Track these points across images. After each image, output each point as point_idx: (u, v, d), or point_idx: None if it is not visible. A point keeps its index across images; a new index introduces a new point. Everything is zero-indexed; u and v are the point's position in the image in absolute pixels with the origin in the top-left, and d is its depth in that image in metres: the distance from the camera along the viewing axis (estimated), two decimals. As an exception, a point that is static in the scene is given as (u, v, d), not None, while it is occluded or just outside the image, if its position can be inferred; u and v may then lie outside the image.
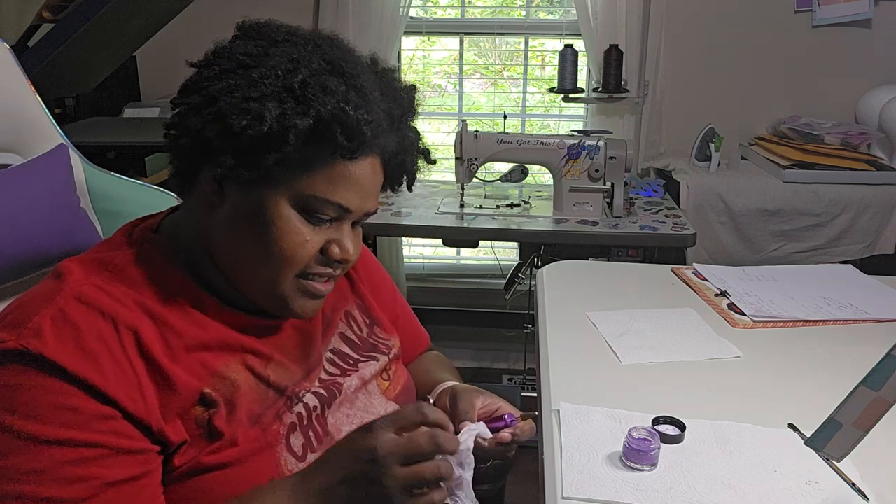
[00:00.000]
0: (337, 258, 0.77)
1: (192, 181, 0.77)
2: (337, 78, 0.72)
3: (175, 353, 0.72)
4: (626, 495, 0.76)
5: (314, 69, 0.71)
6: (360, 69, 0.75)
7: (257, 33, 0.76)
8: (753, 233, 2.23)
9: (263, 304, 0.79)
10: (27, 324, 0.65)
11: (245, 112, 0.68)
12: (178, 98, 0.75)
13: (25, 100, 1.08)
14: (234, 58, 0.72)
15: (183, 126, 0.73)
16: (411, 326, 1.09)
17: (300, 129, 0.69)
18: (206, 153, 0.72)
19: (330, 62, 0.73)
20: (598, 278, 1.42)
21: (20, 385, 0.63)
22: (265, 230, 0.73)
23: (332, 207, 0.74)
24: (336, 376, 0.86)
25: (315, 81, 0.70)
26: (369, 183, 0.77)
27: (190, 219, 0.79)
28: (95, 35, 1.73)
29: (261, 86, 0.69)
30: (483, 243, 2.44)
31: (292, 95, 0.69)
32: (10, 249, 0.94)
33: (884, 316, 1.21)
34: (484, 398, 0.88)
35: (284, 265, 0.74)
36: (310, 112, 0.69)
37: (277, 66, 0.70)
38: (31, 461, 0.62)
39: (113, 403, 0.66)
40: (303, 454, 0.77)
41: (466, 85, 2.83)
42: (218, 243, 0.76)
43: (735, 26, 2.53)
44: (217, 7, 2.59)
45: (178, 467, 0.71)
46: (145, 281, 0.74)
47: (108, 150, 1.85)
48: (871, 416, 0.66)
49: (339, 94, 0.70)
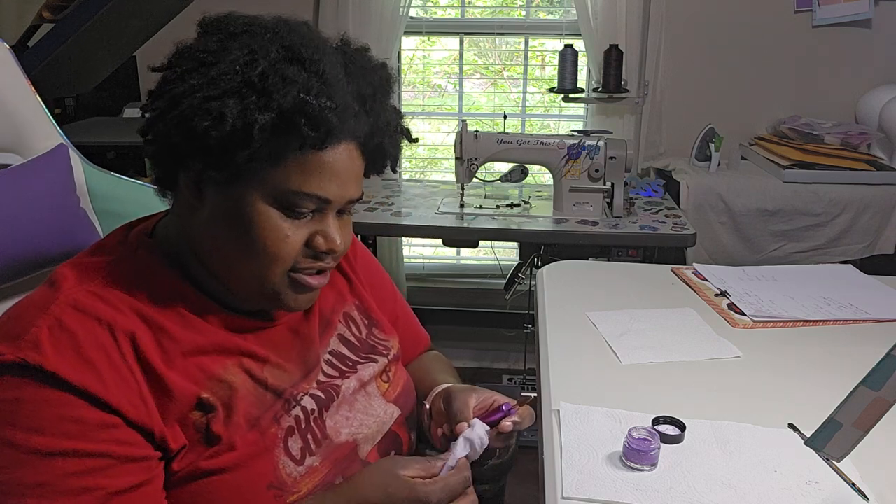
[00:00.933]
0: (323, 249, 0.75)
1: (172, 186, 0.76)
2: (296, 66, 0.69)
3: (171, 359, 0.71)
4: (626, 495, 0.76)
5: (272, 59, 0.68)
6: (322, 52, 0.72)
7: (216, 28, 0.74)
8: (753, 233, 2.23)
9: (256, 301, 0.78)
10: (24, 336, 0.64)
11: (206, 112, 0.67)
12: (146, 104, 0.73)
13: (25, 100, 1.08)
14: (195, 56, 0.70)
15: (153, 131, 0.72)
16: (411, 326, 1.09)
17: (264, 125, 0.67)
18: (176, 158, 0.71)
19: (289, 48, 0.70)
20: (598, 278, 1.42)
21: (20, 399, 0.63)
22: (246, 229, 0.72)
23: (310, 199, 0.72)
24: (334, 378, 0.86)
25: (274, 72, 0.68)
26: (346, 170, 0.74)
27: (177, 223, 0.78)
28: (95, 35, 1.73)
29: (220, 83, 0.67)
30: (483, 243, 2.44)
31: (253, 89, 0.67)
32: (10, 249, 0.94)
33: (884, 316, 1.21)
34: (478, 395, 0.87)
35: (270, 262, 0.73)
36: (271, 105, 0.67)
37: (236, 60, 0.68)
38: (35, 475, 0.62)
39: (115, 412, 0.65)
40: (301, 458, 0.77)
41: (466, 85, 2.83)
42: (203, 245, 0.76)
43: (735, 26, 2.53)
44: (217, 7, 2.59)
45: (177, 472, 0.70)
46: (140, 286, 0.73)
47: (108, 150, 1.86)
48: (871, 416, 0.66)
49: (299, 82, 0.68)
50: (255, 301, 0.79)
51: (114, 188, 1.17)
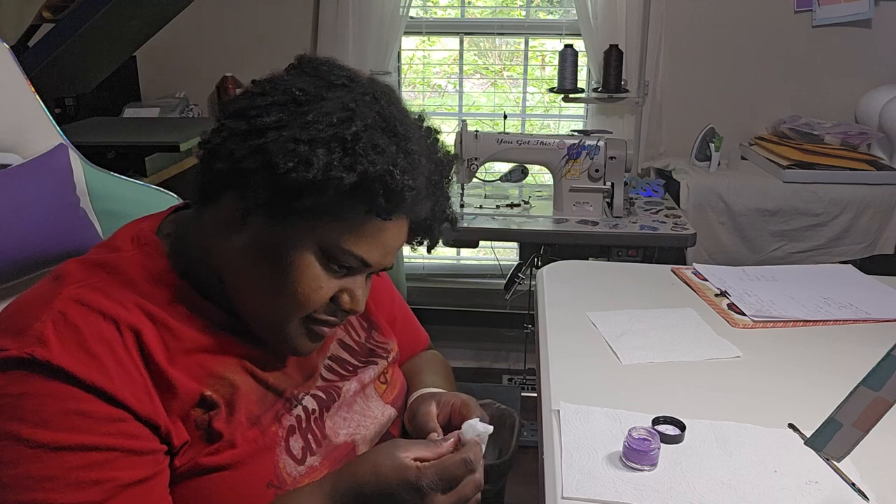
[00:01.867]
0: (346, 307, 0.77)
1: (214, 199, 0.75)
2: (389, 137, 0.71)
3: (174, 356, 0.71)
4: (626, 495, 0.76)
5: (368, 123, 0.70)
6: (412, 131, 0.75)
7: (315, 71, 0.75)
8: (753, 233, 2.23)
9: (263, 337, 0.78)
10: (29, 331, 0.64)
11: (293, 154, 0.67)
12: (222, 118, 0.73)
13: (25, 100, 1.08)
14: (289, 91, 0.71)
15: (223, 148, 0.71)
16: (410, 327, 1.09)
17: (343, 183, 0.68)
18: (239, 180, 0.71)
19: (385, 119, 0.71)
20: (598, 278, 1.42)
21: (26, 393, 0.63)
22: (283, 269, 0.72)
23: (355, 260, 0.74)
24: (335, 381, 0.86)
25: (367, 137, 0.69)
26: (394, 243, 0.76)
27: (202, 231, 0.77)
28: (95, 35, 1.73)
29: (312, 129, 0.68)
30: (483, 243, 2.44)
31: (342, 146, 0.68)
32: (10, 249, 0.94)
33: (884, 316, 1.21)
34: (437, 401, 0.87)
35: (295, 307, 0.74)
36: (356, 168, 0.68)
37: (332, 112, 0.69)
38: (43, 469, 0.62)
39: (122, 405, 0.65)
40: (302, 457, 0.77)
41: (466, 85, 2.83)
42: (229, 267, 0.75)
43: (735, 26, 2.53)
44: (217, 7, 2.59)
45: (178, 468, 0.70)
46: (145, 283, 0.73)
47: (108, 150, 1.85)
48: (871, 416, 0.66)
49: (388, 154, 0.69)
50: (261, 335, 0.78)
51: (114, 188, 1.17)
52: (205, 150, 0.74)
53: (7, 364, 0.63)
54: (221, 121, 0.73)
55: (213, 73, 2.63)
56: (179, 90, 2.65)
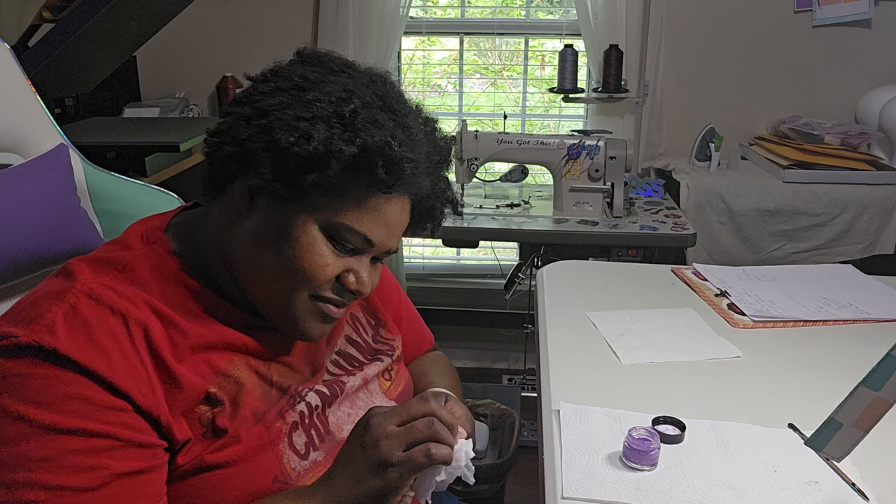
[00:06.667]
0: (352, 288, 0.78)
1: (222, 188, 0.78)
2: (386, 113, 0.73)
3: (181, 353, 0.72)
4: (626, 495, 0.76)
5: (366, 101, 0.73)
6: (408, 110, 0.78)
7: (316, 61, 0.78)
8: (753, 233, 2.23)
9: (273, 321, 0.79)
10: (39, 320, 0.66)
11: (294, 129, 0.70)
12: (228, 107, 0.76)
13: (25, 100, 1.08)
14: (291, 78, 0.74)
15: (229, 134, 0.74)
16: (415, 327, 1.09)
17: (344, 156, 0.70)
18: (246, 163, 0.73)
19: (382, 98, 0.75)
20: (598, 278, 1.42)
21: (32, 374, 0.64)
22: (289, 247, 0.74)
23: (358, 238, 0.75)
24: (340, 376, 0.87)
25: (366, 113, 0.72)
26: (396, 221, 0.78)
27: (211, 224, 0.80)
28: (95, 35, 1.73)
29: (313, 108, 0.71)
30: (483, 243, 2.44)
31: (342, 122, 0.71)
32: (10, 249, 0.94)
33: (884, 316, 1.21)
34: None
35: (301, 283, 0.75)
36: (356, 140, 0.70)
37: (332, 92, 0.72)
38: (41, 449, 0.63)
39: (124, 396, 0.66)
40: (305, 452, 0.77)
41: (466, 85, 2.83)
42: (238, 253, 0.77)
43: (735, 26, 2.53)
44: (217, 7, 2.59)
45: (182, 466, 0.71)
46: (154, 281, 0.75)
47: (108, 150, 1.85)
48: (871, 416, 0.66)
49: (387, 128, 0.72)
50: (271, 319, 0.79)
51: (114, 188, 1.17)
52: (212, 139, 0.76)
53: (16, 349, 0.65)
54: (228, 110, 0.76)
55: (213, 73, 2.64)
56: (179, 90, 2.65)
